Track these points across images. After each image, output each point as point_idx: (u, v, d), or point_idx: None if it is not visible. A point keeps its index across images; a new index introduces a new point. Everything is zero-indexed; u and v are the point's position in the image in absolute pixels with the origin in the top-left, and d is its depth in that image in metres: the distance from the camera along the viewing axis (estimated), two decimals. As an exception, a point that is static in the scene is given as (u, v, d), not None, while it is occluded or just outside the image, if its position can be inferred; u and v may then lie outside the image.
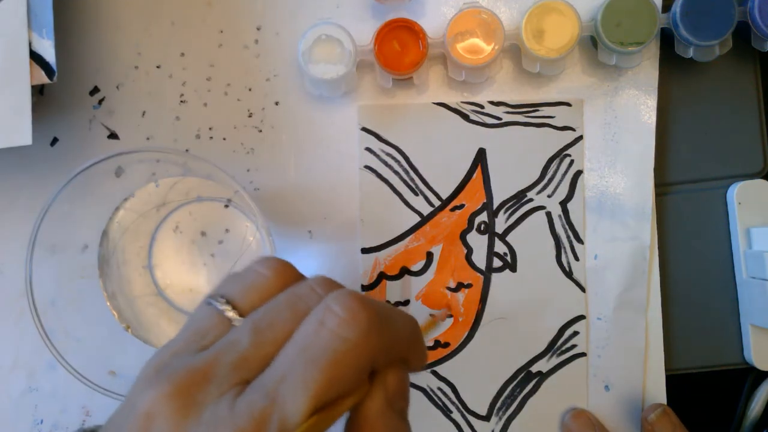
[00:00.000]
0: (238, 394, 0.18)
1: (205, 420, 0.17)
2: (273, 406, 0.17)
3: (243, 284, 0.22)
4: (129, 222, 0.39)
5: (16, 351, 0.39)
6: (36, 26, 0.34)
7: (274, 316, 0.20)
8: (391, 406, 0.20)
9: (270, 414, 0.17)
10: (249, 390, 0.18)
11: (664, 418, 0.37)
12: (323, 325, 0.19)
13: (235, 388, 0.18)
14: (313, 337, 0.19)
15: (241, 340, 0.19)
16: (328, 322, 0.19)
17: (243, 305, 0.21)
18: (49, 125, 0.40)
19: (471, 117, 0.39)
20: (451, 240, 0.39)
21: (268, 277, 0.22)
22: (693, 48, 0.37)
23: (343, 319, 0.19)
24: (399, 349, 0.21)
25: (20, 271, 0.33)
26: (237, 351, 0.19)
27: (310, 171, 0.40)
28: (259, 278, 0.22)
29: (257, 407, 0.17)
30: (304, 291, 0.21)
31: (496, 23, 0.36)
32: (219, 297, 0.21)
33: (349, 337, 0.19)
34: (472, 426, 0.39)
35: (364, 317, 0.19)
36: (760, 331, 0.39)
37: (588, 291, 0.40)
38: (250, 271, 0.22)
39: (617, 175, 0.39)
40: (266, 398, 0.17)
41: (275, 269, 0.22)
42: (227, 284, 0.22)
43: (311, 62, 0.37)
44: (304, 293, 0.21)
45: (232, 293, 0.22)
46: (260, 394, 0.18)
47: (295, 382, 0.18)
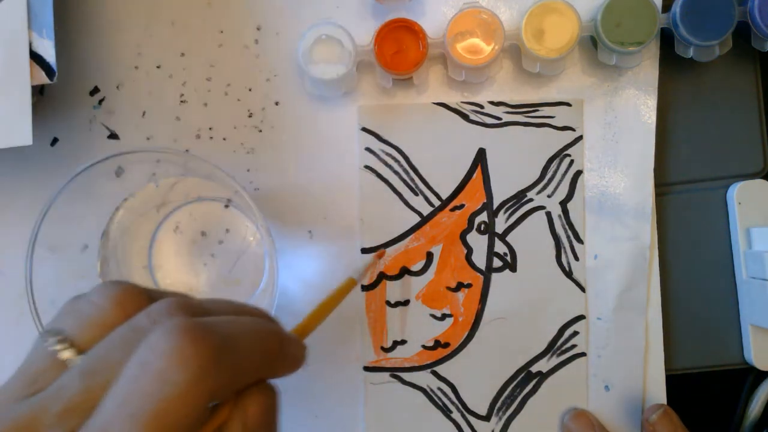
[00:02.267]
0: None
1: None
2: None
3: (79, 317, 0.19)
4: (129, 222, 0.39)
5: (16, 351, 0.39)
6: (36, 26, 0.34)
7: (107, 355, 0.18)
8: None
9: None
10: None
11: (665, 418, 0.37)
12: (146, 367, 0.16)
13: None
14: (134, 384, 0.16)
15: (69, 386, 0.17)
16: (150, 364, 0.16)
17: (81, 342, 0.19)
18: (49, 125, 0.40)
19: (471, 117, 0.39)
20: (451, 240, 0.39)
21: (104, 309, 0.19)
22: (693, 48, 0.37)
23: (169, 358, 0.16)
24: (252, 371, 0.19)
25: (20, 271, 0.33)
26: (65, 398, 0.17)
27: (310, 171, 0.40)
28: (95, 310, 0.19)
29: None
30: (142, 324, 0.18)
31: (496, 23, 0.36)
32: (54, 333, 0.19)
33: (176, 380, 0.16)
34: (472, 426, 0.39)
35: (194, 354, 0.16)
36: (760, 331, 0.39)
37: (588, 291, 0.40)
38: (86, 302, 0.20)
39: (617, 175, 0.39)
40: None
41: (113, 298, 0.20)
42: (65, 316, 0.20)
43: (311, 62, 0.37)
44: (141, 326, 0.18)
45: (69, 328, 0.19)
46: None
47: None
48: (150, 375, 0.16)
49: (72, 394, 0.17)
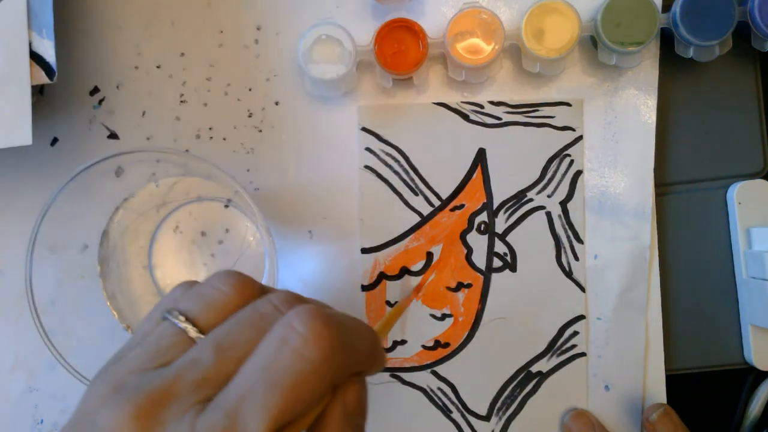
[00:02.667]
0: (198, 413, 0.18)
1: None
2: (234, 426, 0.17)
3: (202, 301, 0.21)
4: (129, 222, 0.39)
5: (16, 351, 0.39)
6: (36, 26, 0.34)
7: (236, 335, 0.20)
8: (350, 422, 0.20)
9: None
10: (209, 409, 0.18)
11: (665, 418, 0.37)
12: (285, 343, 0.18)
13: (195, 407, 0.18)
14: (273, 356, 0.18)
15: (202, 358, 0.19)
16: (290, 341, 0.18)
17: (203, 323, 0.21)
18: (49, 125, 0.40)
19: (471, 117, 0.39)
20: (451, 240, 0.39)
21: (228, 294, 0.21)
22: (693, 48, 0.37)
23: (306, 338, 0.18)
24: (359, 363, 0.21)
25: (20, 271, 0.33)
26: (199, 370, 0.19)
27: (310, 171, 0.40)
28: (219, 295, 0.21)
29: (217, 426, 0.17)
30: (266, 309, 0.21)
31: (496, 23, 0.36)
32: (177, 313, 0.21)
33: (312, 357, 0.18)
34: (472, 426, 0.39)
35: (327, 336, 0.19)
36: (760, 331, 0.39)
37: (588, 291, 0.40)
38: (209, 287, 0.22)
39: (617, 175, 0.39)
40: (227, 418, 0.17)
41: (235, 286, 0.22)
42: (185, 299, 0.22)
43: (311, 62, 0.37)
44: (266, 312, 0.20)
45: (191, 310, 0.21)
46: (220, 414, 0.17)
47: (256, 404, 0.17)
48: (288, 350, 0.18)
49: (207, 365, 0.19)
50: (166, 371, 0.19)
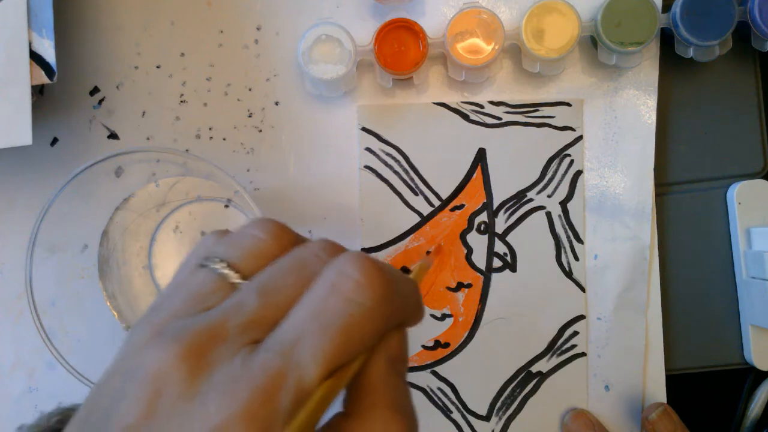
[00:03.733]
0: (249, 354, 0.17)
1: (218, 379, 0.17)
2: (289, 366, 0.17)
3: (240, 248, 0.21)
4: (129, 222, 0.39)
5: (16, 351, 0.39)
6: (36, 26, 0.34)
7: (280, 280, 0.19)
8: (394, 368, 0.20)
9: (286, 373, 0.17)
10: (261, 350, 0.17)
11: (664, 417, 0.37)
12: (336, 288, 0.18)
13: (246, 347, 0.18)
14: (325, 300, 0.18)
15: (247, 302, 0.19)
16: (341, 286, 0.18)
17: (243, 269, 0.20)
18: (49, 125, 0.40)
19: (471, 117, 0.39)
20: (451, 240, 0.39)
21: (266, 241, 0.21)
22: (693, 48, 0.37)
23: (358, 283, 0.18)
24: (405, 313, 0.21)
25: (20, 271, 0.33)
26: (245, 313, 0.18)
27: (310, 171, 0.40)
28: (257, 242, 0.21)
29: (273, 366, 0.17)
30: (308, 256, 0.20)
31: (496, 23, 0.36)
32: (216, 260, 0.21)
33: (364, 303, 0.18)
34: (472, 426, 0.39)
35: (379, 282, 0.19)
36: (760, 331, 0.39)
37: (588, 291, 0.40)
38: (245, 235, 0.22)
39: (617, 175, 0.39)
40: (280, 357, 0.17)
41: (273, 233, 0.21)
42: (219, 246, 0.21)
43: (311, 62, 0.37)
44: (308, 259, 0.20)
45: (230, 257, 0.21)
46: (274, 354, 0.17)
47: (310, 346, 0.17)
48: (340, 295, 0.18)
49: (252, 308, 0.18)
50: (211, 314, 0.18)
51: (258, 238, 0.21)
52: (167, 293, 0.20)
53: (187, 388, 0.16)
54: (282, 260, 0.20)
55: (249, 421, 0.16)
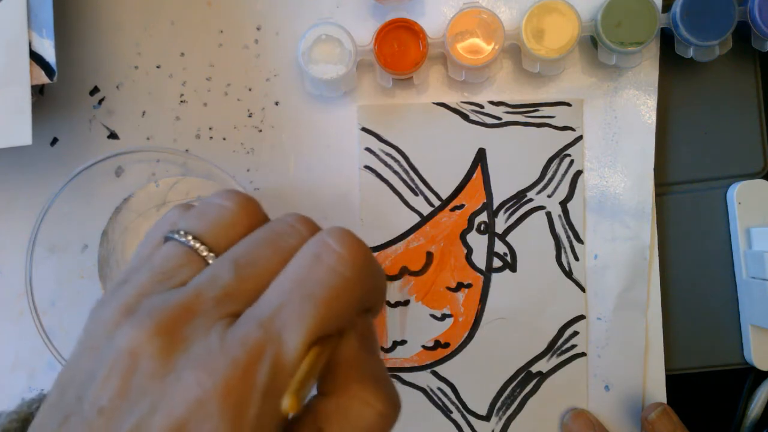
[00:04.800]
0: (227, 327, 0.17)
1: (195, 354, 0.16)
2: (268, 337, 0.16)
3: (206, 219, 0.20)
4: (129, 222, 0.39)
5: (16, 351, 0.39)
6: (36, 26, 0.34)
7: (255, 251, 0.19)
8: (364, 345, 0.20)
9: (264, 345, 0.16)
10: (240, 322, 0.17)
11: (664, 416, 0.37)
12: (320, 259, 0.18)
13: (222, 320, 0.17)
14: (308, 271, 0.18)
15: (222, 274, 0.18)
16: (325, 257, 0.18)
17: (211, 241, 0.20)
18: (49, 125, 0.40)
19: (471, 117, 0.39)
20: (451, 240, 0.39)
21: (233, 210, 0.21)
22: (693, 48, 0.37)
23: (341, 255, 0.18)
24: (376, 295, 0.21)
25: (20, 271, 0.33)
26: (220, 286, 0.18)
27: (310, 171, 0.40)
28: (224, 212, 0.20)
29: (251, 338, 0.16)
30: (282, 227, 0.20)
31: (496, 23, 0.36)
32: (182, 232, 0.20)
33: (347, 275, 0.18)
34: (472, 426, 0.39)
35: (361, 256, 0.19)
36: (760, 331, 0.39)
37: (588, 291, 0.40)
38: (211, 205, 0.21)
39: (617, 175, 0.39)
40: (260, 329, 0.17)
41: (239, 202, 0.21)
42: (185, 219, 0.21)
43: (311, 62, 0.37)
44: (283, 230, 0.20)
45: (196, 228, 0.20)
46: (253, 326, 0.17)
47: (292, 316, 0.17)
48: (324, 266, 0.18)
49: (227, 281, 0.18)
50: (184, 289, 0.18)
51: (224, 207, 0.21)
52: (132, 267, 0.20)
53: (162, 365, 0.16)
54: (256, 232, 0.20)
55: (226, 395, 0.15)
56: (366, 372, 0.19)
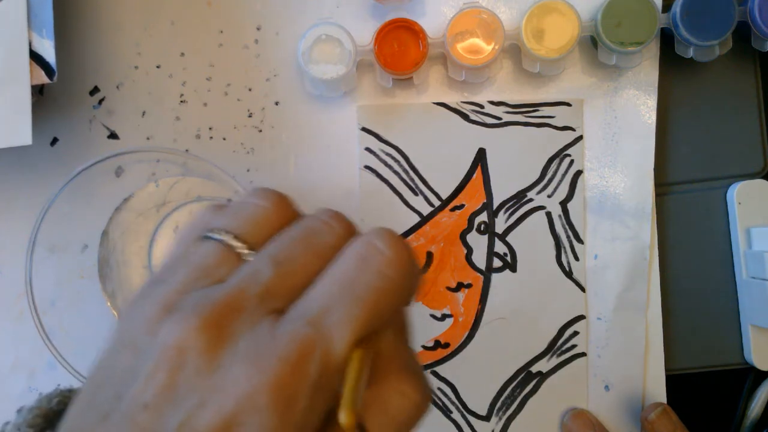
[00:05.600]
0: (274, 323, 0.17)
1: (243, 348, 0.16)
2: (318, 335, 0.17)
3: (242, 217, 0.20)
4: (129, 222, 0.39)
5: (16, 351, 0.39)
6: (36, 26, 0.34)
7: (292, 249, 0.19)
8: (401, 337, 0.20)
9: (314, 343, 0.16)
10: (287, 318, 0.17)
11: (664, 416, 0.37)
12: (367, 262, 0.19)
13: (268, 317, 0.17)
14: (356, 272, 0.18)
15: (263, 271, 0.18)
16: (372, 260, 0.19)
17: (248, 239, 0.20)
18: (49, 125, 0.40)
19: (471, 117, 0.39)
20: (451, 240, 0.39)
21: (268, 209, 0.21)
22: (693, 48, 0.37)
23: (388, 257, 0.19)
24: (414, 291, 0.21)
25: (20, 271, 0.33)
26: (261, 283, 0.18)
27: (310, 171, 0.40)
28: (259, 210, 0.21)
29: (300, 335, 0.17)
30: (317, 225, 0.20)
31: (496, 23, 0.36)
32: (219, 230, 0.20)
33: (393, 277, 0.18)
34: (472, 426, 0.39)
35: (407, 258, 0.19)
36: (760, 331, 0.39)
37: (588, 291, 0.40)
38: (246, 204, 0.21)
39: (617, 175, 0.39)
40: (310, 326, 0.17)
41: (274, 201, 0.21)
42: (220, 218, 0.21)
43: (311, 62, 0.37)
44: (318, 227, 0.20)
45: (232, 227, 0.20)
46: (302, 322, 0.17)
47: (340, 315, 0.17)
48: (371, 268, 0.18)
49: (268, 278, 0.18)
50: (225, 285, 0.18)
51: (260, 206, 0.21)
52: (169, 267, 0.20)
53: (209, 361, 0.16)
54: (291, 229, 0.20)
55: (277, 390, 0.16)
56: (402, 363, 0.19)
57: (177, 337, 0.16)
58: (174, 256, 0.20)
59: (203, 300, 0.17)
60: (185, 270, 0.19)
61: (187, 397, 0.16)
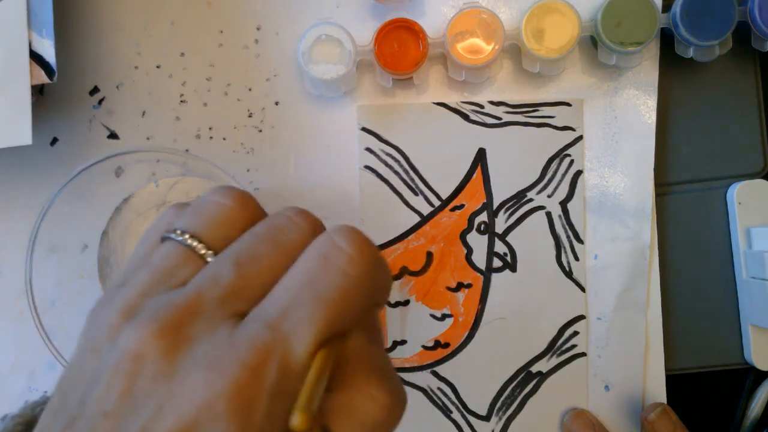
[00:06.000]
0: (233, 327, 0.17)
1: (200, 353, 0.16)
2: (276, 339, 0.16)
3: (203, 216, 0.20)
4: (129, 222, 0.39)
5: (16, 351, 0.39)
6: (36, 26, 0.34)
7: (255, 248, 0.19)
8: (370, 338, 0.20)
9: (273, 346, 0.16)
10: (247, 322, 0.17)
11: (664, 416, 0.37)
12: (328, 260, 0.18)
13: (228, 320, 0.17)
14: (316, 272, 0.18)
15: (223, 273, 0.18)
16: (333, 258, 0.18)
17: (209, 239, 0.19)
18: (49, 125, 0.40)
19: (471, 117, 0.39)
20: (451, 240, 0.39)
21: (230, 207, 0.20)
22: (693, 48, 0.37)
23: (350, 255, 0.18)
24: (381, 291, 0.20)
25: (20, 271, 0.33)
26: (221, 285, 0.18)
27: (310, 171, 0.40)
28: (220, 209, 0.20)
29: (259, 339, 0.16)
30: (282, 222, 0.20)
31: (496, 23, 0.36)
32: (179, 231, 0.19)
33: (355, 276, 0.18)
34: (472, 426, 0.39)
35: (370, 256, 0.18)
36: (760, 331, 0.39)
37: (588, 291, 0.40)
38: (207, 202, 0.20)
39: (617, 175, 0.39)
40: (268, 330, 0.16)
41: (236, 198, 0.20)
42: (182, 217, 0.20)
43: (311, 62, 0.37)
44: (283, 224, 0.19)
45: (194, 227, 0.19)
46: (261, 325, 0.16)
47: (301, 316, 0.17)
48: (332, 267, 0.18)
49: (229, 279, 0.18)
50: (184, 289, 0.18)
51: (221, 204, 0.20)
52: (130, 269, 0.19)
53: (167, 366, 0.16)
54: (255, 228, 0.19)
55: (235, 397, 0.15)
56: (372, 366, 0.19)
57: (134, 343, 0.16)
58: (136, 257, 0.20)
59: (161, 304, 0.17)
60: (146, 272, 0.19)
61: (146, 403, 0.15)
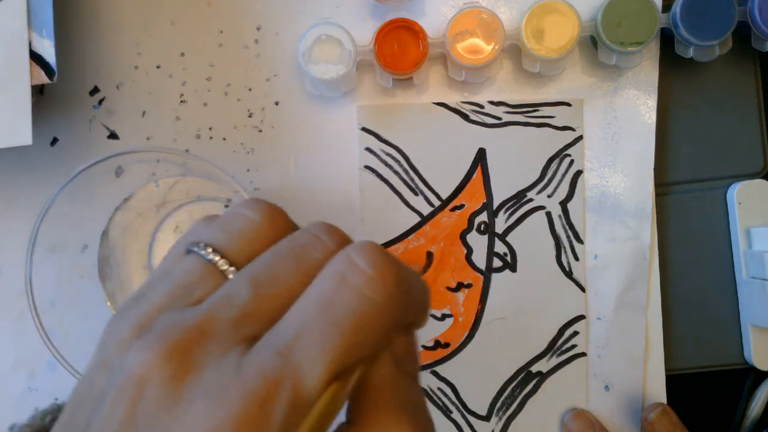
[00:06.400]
0: (243, 354, 0.16)
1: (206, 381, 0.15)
2: (286, 368, 0.15)
3: (230, 230, 0.19)
4: (129, 222, 0.39)
5: (16, 351, 0.39)
6: (36, 26, 0.34)
7: (275, 267, 0.17)
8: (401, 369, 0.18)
9: (282, 377, 0.15)
10: (257, 348, 0.16)
11: (663, 417, 0.37)
12: (345, 281, 0.16)
13: (238, 346, 0.16)
14: (333, 294, 0.16)
15: (239, 293, 0.17)
16: (351, 279, 0.16)
17: (233, 255, 0.18)
18: (49, 125, 0.40)
19: (471, 117, 0.39)
20: (451, 240, 0.39)
21: (258, 222, 0.19)
22: (693, 48, 0.37)
23: (370, 277, 0.16)
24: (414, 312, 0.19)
25: (20, 271, 0.33)
26: (236, 306, 0.17)
27: (310, 171, 0.40)
28: (248, 223, 0.19)
29: (268, 368, 0.15)
30: (307, 239, 0.18)
31: (496, 23, 0.36)
32: (202, 245, 0.18)
33: (376, 299, 0.16)
34: (472, 426, 0.39)
35: (392, 277, 0.17)
36: (760, 331, 0.39)
37: (588, 291, 0.40)
38: (235, 216, 0.19)
39: (617, 175, 0.39)
40: (278, 358, 0.15)
41: (266, 213, 0.19)
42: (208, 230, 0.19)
43: (311, 62, 0.37)
44: (307, 242, 0.18)
45: (218, 241, 0.18)
46: (271, 353, 0.15)
47: (313, 344, 0.16)
48: (349, 289, 0.16)
49: (243, 302, 0.17)
50: (198, 309, 0.17)
51: (249, 218, 0.19)
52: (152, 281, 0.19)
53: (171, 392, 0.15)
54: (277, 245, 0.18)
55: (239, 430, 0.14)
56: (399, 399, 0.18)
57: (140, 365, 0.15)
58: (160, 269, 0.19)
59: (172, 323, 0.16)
60: (166, 286, 0.18)
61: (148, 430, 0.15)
